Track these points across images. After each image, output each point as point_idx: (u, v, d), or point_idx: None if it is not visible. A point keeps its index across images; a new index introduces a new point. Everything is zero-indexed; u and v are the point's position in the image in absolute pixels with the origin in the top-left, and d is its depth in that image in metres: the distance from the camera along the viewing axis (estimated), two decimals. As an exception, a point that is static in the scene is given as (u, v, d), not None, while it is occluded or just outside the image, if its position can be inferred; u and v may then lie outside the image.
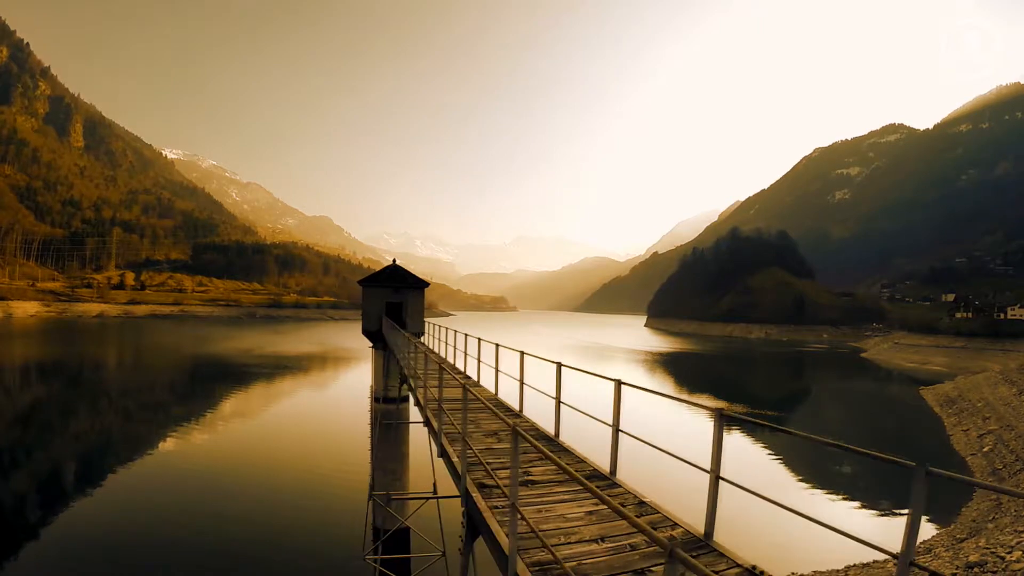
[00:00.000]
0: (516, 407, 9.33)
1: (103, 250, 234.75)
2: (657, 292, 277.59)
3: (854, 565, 17.79)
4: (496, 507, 4.93)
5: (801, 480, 31.53)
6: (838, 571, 17.41)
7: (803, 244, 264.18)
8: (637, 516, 4.79)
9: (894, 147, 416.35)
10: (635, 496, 5.26)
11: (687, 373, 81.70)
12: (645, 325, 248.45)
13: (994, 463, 31.53)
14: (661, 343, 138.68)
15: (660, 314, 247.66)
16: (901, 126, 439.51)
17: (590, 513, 4.83)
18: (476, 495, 5.14)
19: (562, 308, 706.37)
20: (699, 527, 4.50)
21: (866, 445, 5.30)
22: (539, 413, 9.11)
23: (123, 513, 21.94)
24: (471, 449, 6.03)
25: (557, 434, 7.48)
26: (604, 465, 6.05)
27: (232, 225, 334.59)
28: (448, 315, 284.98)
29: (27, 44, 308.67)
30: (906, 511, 3.49)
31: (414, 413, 19.43)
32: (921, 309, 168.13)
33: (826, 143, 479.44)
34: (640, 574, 3.75)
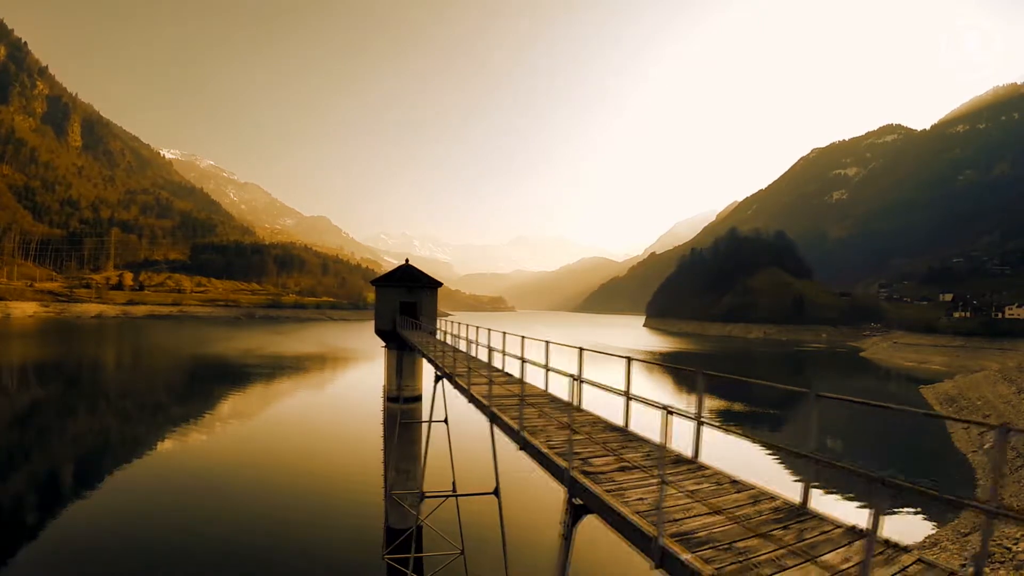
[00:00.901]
0: (552, 400, 9.52)
1: (101, 250, 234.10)
2: (656, 292, 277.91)
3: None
4: (609, 491, 5.20)
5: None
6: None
7: (801, 244, 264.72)
8: (735, 492, 5.28)
9: (891, 148, 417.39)
10: (727, 476, 5.72)
11: (688, 372, 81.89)
12: (644, 325, 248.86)
13: (996, 459, 31.95)
14: (661, 343, 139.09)
15: (659, 314, 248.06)
16: (898, 127, 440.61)
17: (694, 492, 5.23)
18: (586, 481, 5.40)
19: (560, 308, 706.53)
20: (795, 498, 4.97)
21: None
22: (596, 407, 9.06)
23: (140, 514, 22.01)
24: (568, 435, 6.42)
25: (627, 424, 7.68)
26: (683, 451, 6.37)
27: (230, 225, 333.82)
28: (447, 315, 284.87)
29: (25, 43, 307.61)
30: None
31: (435, 412, 19.50)
32: (919, 309, 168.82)
33: (823, 143, 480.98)
34: (765, 536, 4.26)
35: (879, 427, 42.38)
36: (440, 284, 20.64)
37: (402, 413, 18.42)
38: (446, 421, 17.65)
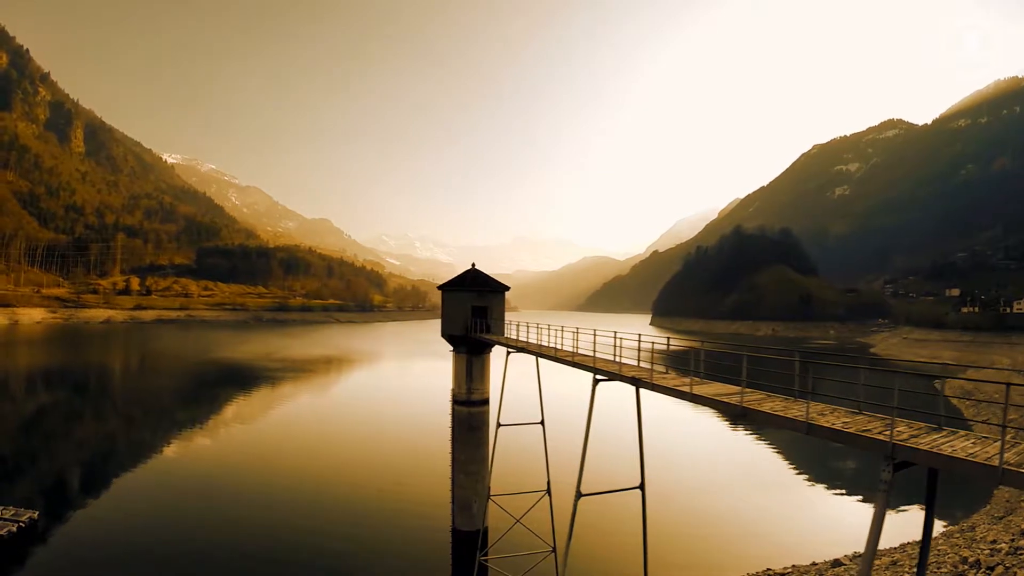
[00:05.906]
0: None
1: (107, 255, 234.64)
2: (662, 290, 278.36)
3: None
4: (930, 449, 6.83)
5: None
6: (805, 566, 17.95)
7: (803, 241, 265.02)
8: (992, 443, 7.26)
9: (893, 143, 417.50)
10: (971, 434, 7.65)
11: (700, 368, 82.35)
12: (651, 323, 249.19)
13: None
14: (672, 341, 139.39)
15: (665, 312, 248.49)
16: (900, 122, 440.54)
17: (974, 443, 7.06)
18: (909, 444, 6.95)
19: (563, 308, 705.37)
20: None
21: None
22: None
23: (208, 521, 22.73)
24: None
25: (860, 408, 9.18)
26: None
27: (234, 229, 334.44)
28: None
29: (27, 50, 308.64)
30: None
31: (506, 416, 19.71)
32: (925, 304, 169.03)
33: (825, 140, 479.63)
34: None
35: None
36: (507, 288, 20.96)
37: (471, 416, 18.87)
38: (542, 423, 17.95)
